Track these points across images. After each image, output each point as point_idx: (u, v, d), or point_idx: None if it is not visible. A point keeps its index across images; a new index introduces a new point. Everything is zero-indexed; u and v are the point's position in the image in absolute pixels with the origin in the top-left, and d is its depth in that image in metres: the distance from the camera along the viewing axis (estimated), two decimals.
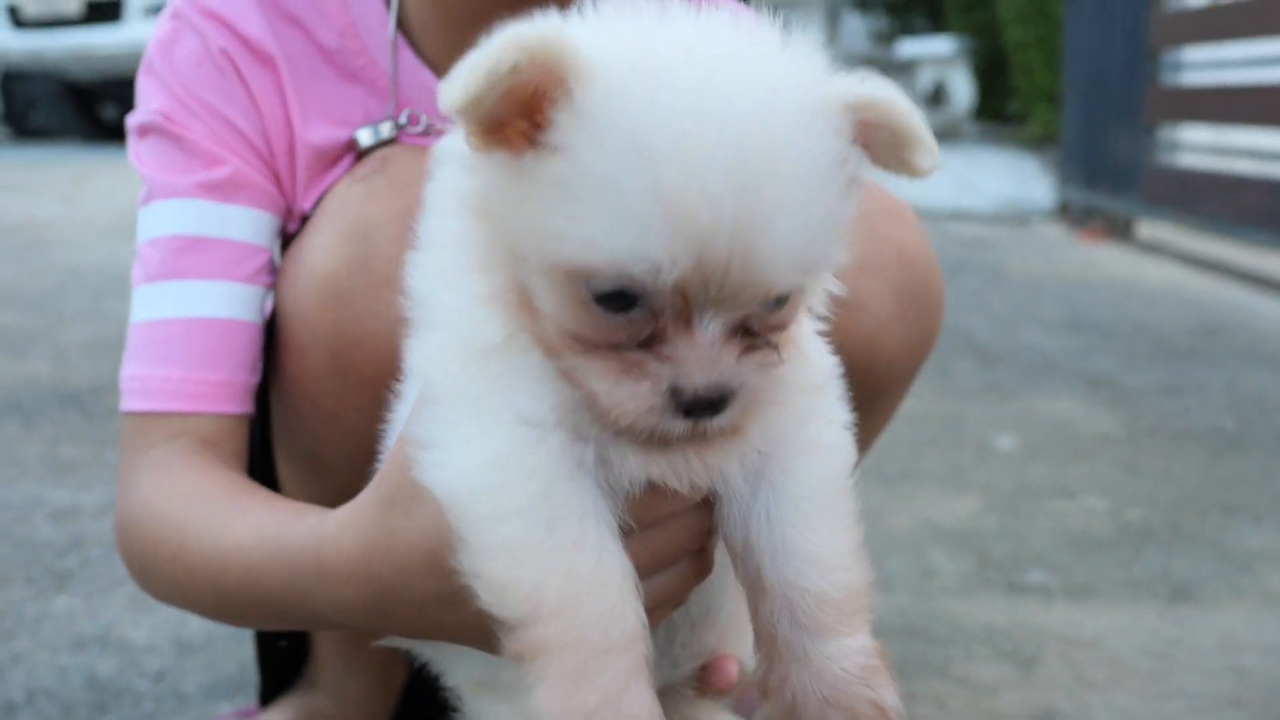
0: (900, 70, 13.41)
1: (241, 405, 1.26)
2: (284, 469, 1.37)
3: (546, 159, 0.76)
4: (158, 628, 1.91)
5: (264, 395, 1.33)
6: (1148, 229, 6.96)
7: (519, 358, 0.84)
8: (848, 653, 0.88)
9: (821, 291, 0.92)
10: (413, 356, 0.94)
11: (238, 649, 1.83)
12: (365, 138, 1.30)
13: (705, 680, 1.10)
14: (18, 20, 11.86)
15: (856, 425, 1.35)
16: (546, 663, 0.81)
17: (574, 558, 0.82)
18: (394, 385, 1.02)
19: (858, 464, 1.47)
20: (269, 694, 1.56)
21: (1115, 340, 4.21)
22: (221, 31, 1.29)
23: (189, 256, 1.24)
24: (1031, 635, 1.94)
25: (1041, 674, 1.81)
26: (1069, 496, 2.58)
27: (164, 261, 1.24)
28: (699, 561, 0.97)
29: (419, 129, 1.30)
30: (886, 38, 16.21)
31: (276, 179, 1.30)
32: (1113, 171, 7.08)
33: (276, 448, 1.37)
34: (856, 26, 16.35)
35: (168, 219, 1.25)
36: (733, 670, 1.09)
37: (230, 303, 1.24)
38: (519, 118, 0.77)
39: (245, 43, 1.29)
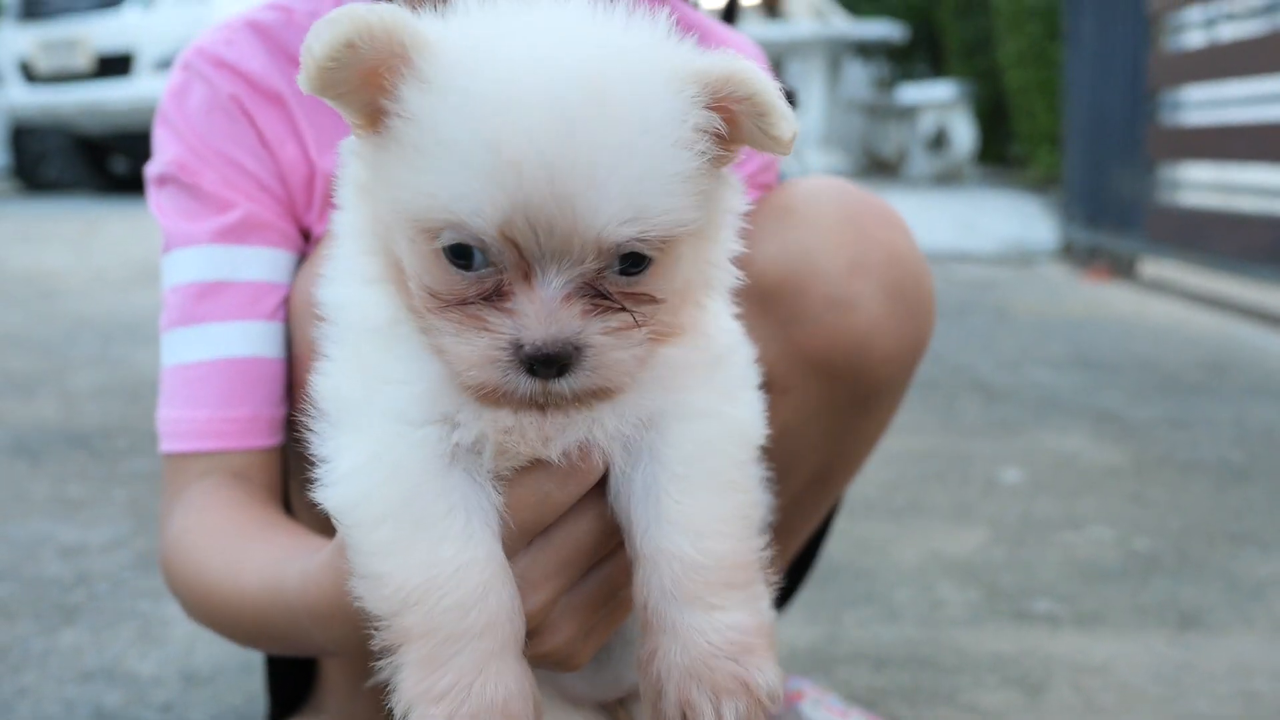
0: (902, 116, 13.49)
1: (268, 438, 1.30)
2: (296, 491, 1.38)
3: (398, 128, 0.81)
4: (165, 660, 1.91)
5: None
6: (1152, 267, 6.97)
7: (399, 344, 0.87)
8: (717, 627, 0.87)
9: (716, 273, 0.91)
10: (314, 381, 0.94)
11: (244, 680, 1.82)
12: None
13: None
14: (30, 75, 12.00)
15: (848, 433, 1.37)
16: (408, 649, 0.84)
17: (436, 550, 0.84)
18: None
19: (855, 473, 1.48)
20: (277, 718, 1.57)
21: (1121, 376, 4.21)
22: (230, 78, 1.34)
23: (208, 301, 1.29)
24: (1040, 663, 1.93)
25: (1050, 701, 1.80)
26: (1076, 527, 2.58)
27: (185, 307, 1.30)
28: (620, 596, 0.97)
29: None
30: (888, 84, 16.32)
31: (292, 214, 1.34)
32: (1116, 211, 7.11)
33: (291, 468, 1.38)
34: (858, 73, 16.47)
35: (186, 266, 1.31)
36: None
37: (250, 341, 1.28)
38: (370, 95, 0.82)
39: (253, 85, 1.33)
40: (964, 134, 12.58)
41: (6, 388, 3.89)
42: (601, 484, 0.93)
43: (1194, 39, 6.68)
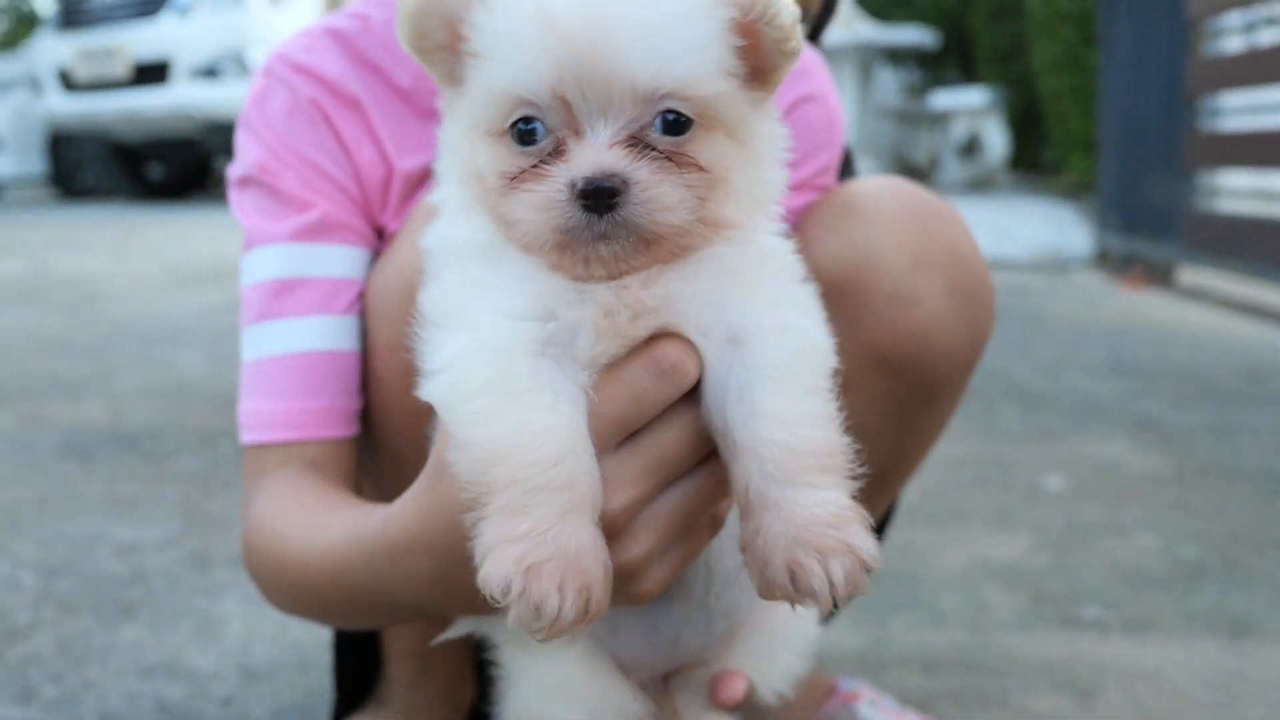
0: (934, 122, 13.47)
1: (344, 429, 1.34)
2: (366, 479, 1.41)
3: (473, 59, 0.94)
4: (223, 656, 1.94)
5: None
6: (1189, 275, 6.93)
7: (498, 259, 0.95)
8: (818, 500, 0.91)
9: (763, 190, 1.00)
10: (421, 300, 1.00)
11: (302, 677, 1.85)
12: None
13: (714, 692, 1.15)
14: (68, 84, 12.14)
15: (910, 426, 1.39)
16: (492, 501, 0.89)
17: (525, 417, 0.90)
18: None
19: (913, 471, 1.50)
20: (342, 711, 1.59)
21: (1161, 383, 4.20)
22: (309, 83, 1.37)
23: (286, 297, 1.33)
24: (1090, 668, 1.93)
25: (1101, 706, 1.81)
26: (1121, 534, 2.58)
27: (263, 304, 1.34)
28: (712, 511, 1.02)
29: None
30: (919, 90, 16.29)
31: (367, 213, 1.37)
32: (1152, 218, 7.07)
33: (361, 461, 1.41)
34: (889, 79, 16.44)
35: (265, 264, 1.35)
36: (740, 687, 1.15)
37: (327, 335, 1.31)
38: (452, 57, 0.96)
39: (332, 90, 1.37)
40: (997, 140, 12.55)
41: (55, 390, 3.95)
42: (692, 397, 0.97)
43: (1233, 44, 6.65)
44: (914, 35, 13.52)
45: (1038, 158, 14.13)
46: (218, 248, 8.37)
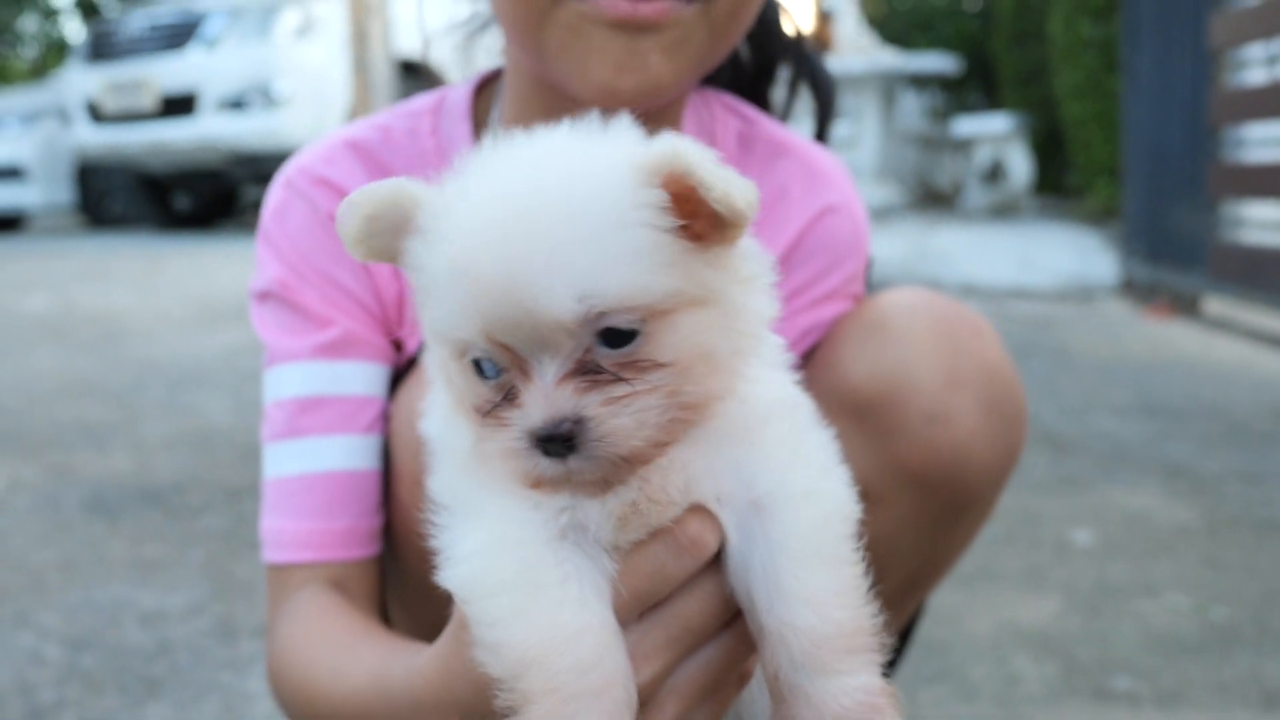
0: (957, 148, 13.44)
1: (366, 549, 1.34)
2: (394, 601, 1.41)
3: (414, 277, 0.90)
4: None
5: None
6: (1215, 304, 6.89)
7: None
8: (848, 690, 0.89)
9: (744, 340, 0.94)
10: (430, 483, 1.00)
11: None
12: None
13: None
14: (96, 116, 12.25)
15: (943, 540, 1.37)
16: (530, 709, 0.87)
17: (555, 615, 0.88)
18: None
19: (943, 578, 1.49)
20: None
21: (1189, 424, 4.16)
22: (329, 196, 1.37)
23: (309, 415, 1.32)
24: None
25: None
26: (1151, 595, 2.55)
27: (287, 422, 1.33)
28: (739, 670, 1.00)
29: None
30: (942, 115, 16.27)
31: (386, 328, 1.37)
32: (1177, 247, 7.03)
33: (388, 591, 1.41)
34: (912, 104, 16.43)
35: (288, 382, 1.34)
36: None
37: (348, 455, 1.31)
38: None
39: None
40: (1020, 166, 12.51)
41: (82, 438, 3.96)
42: (715, 561, 0.95)
43: (1256, 76, 6.61)
44: (936, 62, 13.52)
45: (1062, 181, 14.08)
46: (242, 282, 8.38)
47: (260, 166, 11.69)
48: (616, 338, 0.86)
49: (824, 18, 13.71)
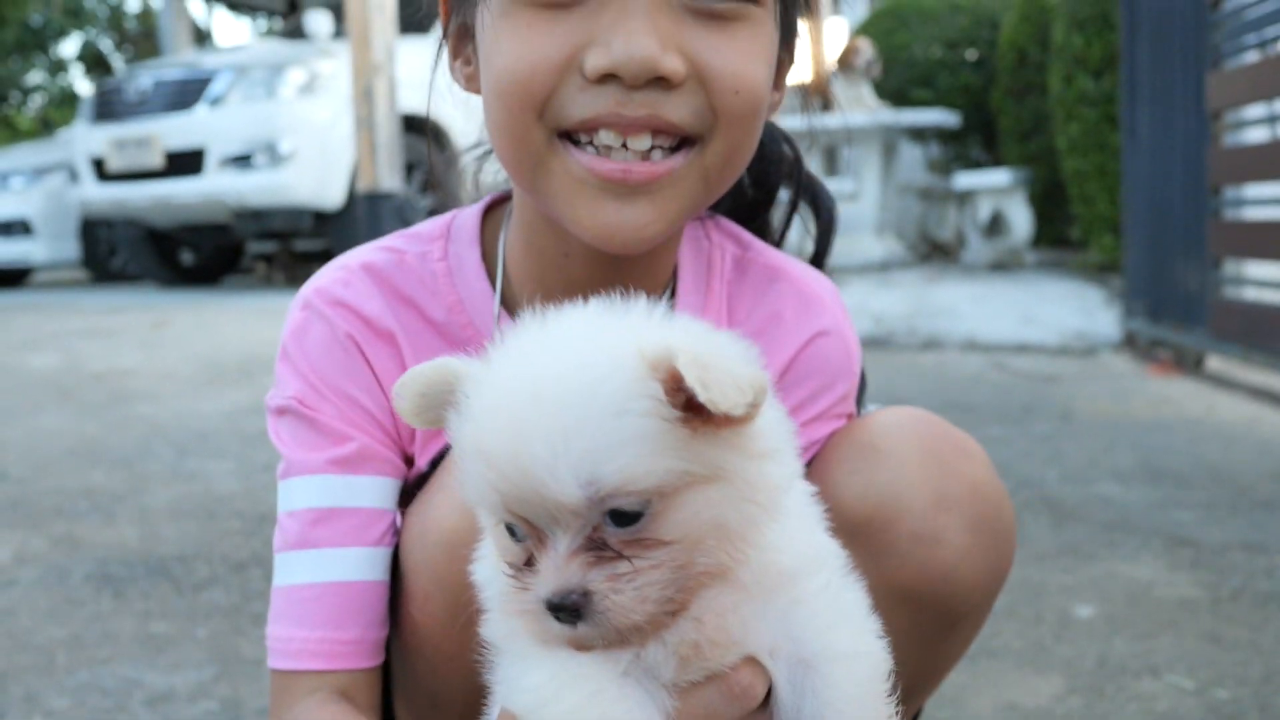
0: (958, 201, 13.51)
1: (371, 659, 1.37)
2: (402, 709, 1.43)
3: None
4: None
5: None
6: (1217, 361, 6.91)
7: None
8: None
9: (756, 509, 0.99)
10: (486, 630, 1.07)
11: None
12: None
13: None
14: (103, 173, 12.36)
15: (935, 653, 1.41)
16: None
17: None
18: None
19: (938, 685, 1.51)
20: None
21: (1192, 490, 4.17)
22: (346, 317, 1.41)
23: (322, 527, 1.36)
24: None
25: None
26: (1154, 674, 2.56)
27: (301, 532, 1.37)
28: None
29: None
30: (943, 167, 16.36)
31: (398, 445, 1.40)
32: (1179, 304, 7.07)
33: (396, 694, 1.43)
34: (914, 155, 16.54)
35: (303, 493, 1.38)
36: None
37: (359, 567, 1.34)
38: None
39: (368, 324, 1.40)
40: (1021, 219, 12.57)
41: (88, 508, 3.99)
42: (763, 708, 1.03)
43: (1257, 135, 6.67)
44: (936, 117, 13.62)
45: (1064, 234, 14.14)
46: (245, 339, 8.47)
47: (266, 222, 11.80)
48: (623, 517, 0.93)
49: (825, 74, 13.86)
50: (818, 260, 1.64)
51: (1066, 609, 2.98)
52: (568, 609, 0.93)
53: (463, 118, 1.58)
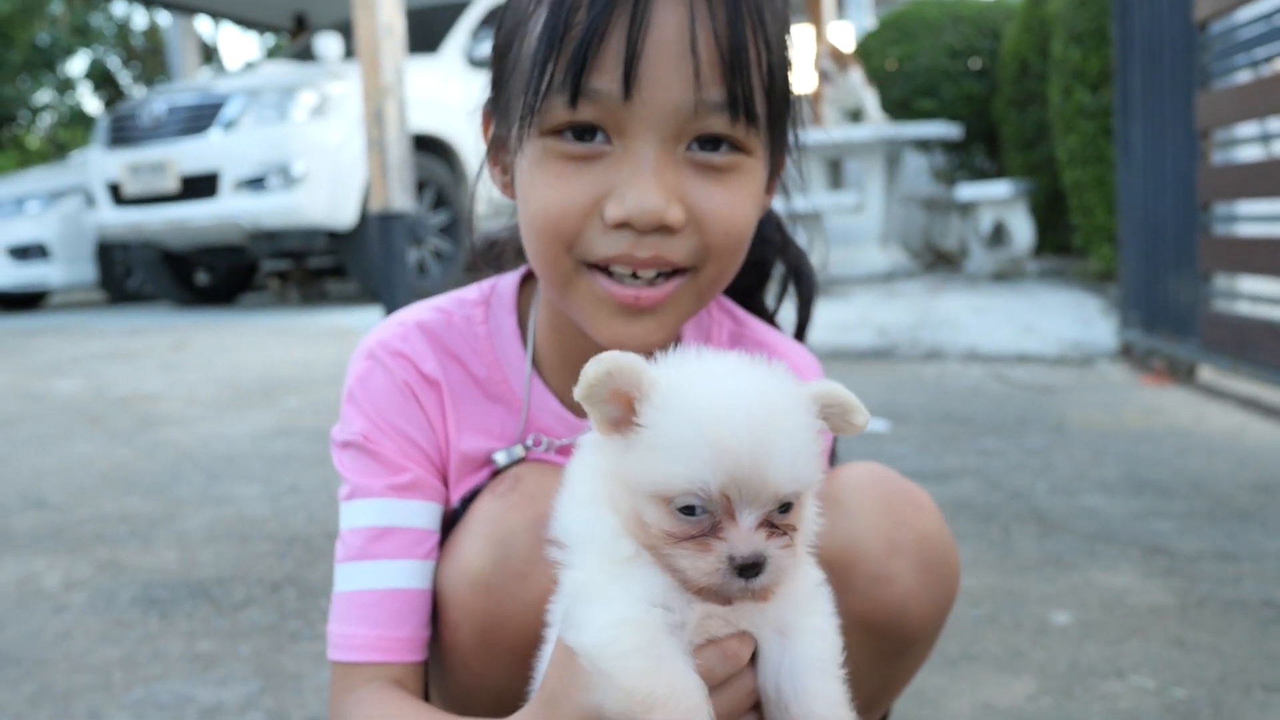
0: (961, 211, 13.73)
1: (420, 655, 1.64)
2: (437, 701, 1.69)
3: (641, 434, 1.24)
4: None
5: None
6: (1209, 373, 7.12)
7: (640, 567, 1.28)
8: None
9: (811, 521, 1.35)
10: (564, 579, 1.34)
11: None
12: (501, 459, 1.67)
13: None
14: (118, 197, 12.61)
15: (891, 672, 1.67)
16: None
17: (674, 677, 1.24)
18: (533, 649, 1.44)
19: (898, 695, 1.77)
20: None
21: (1174, 501, 4.39)
22: (405, 367, 1.68)
23: (381, 543, 1.62)
24: None
25: None
26: (1120, 676, 2.78)
27: (362, 546, 1.63)
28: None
29: (543, 449, 1.66)
30: (946, 176, 16.58)
31: (444, 477, 1.66)
32: (1172, 316, 7.27)
33: (431, 685, 1.69)
34: (918, 165, 16.75)
35: (364, 514, 1.64)
36: None
37: (411, 576, 1.61)
38: (624, 410, 1.25)
39: (421, 375, 1.67)
40: (1023, 230, 12.78)
41: (127, 534, 4.23)
42: (749, 667, 1.33)
43: (1250, 153, 6.87)
44: (938, 129, 13.83)
45: (1066, 240, 14.33)
46: (264, 360, 8.72)
47: (280, 243, 12.05)
48: (785, 509, 1.25)
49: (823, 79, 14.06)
50: (800, 330, 1.90)
51: (1044, 616, 3.20)
52: (753, 567, 1.21)
53: (474, 138, 1.83)
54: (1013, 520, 4.14)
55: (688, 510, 1.22)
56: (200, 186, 12.09)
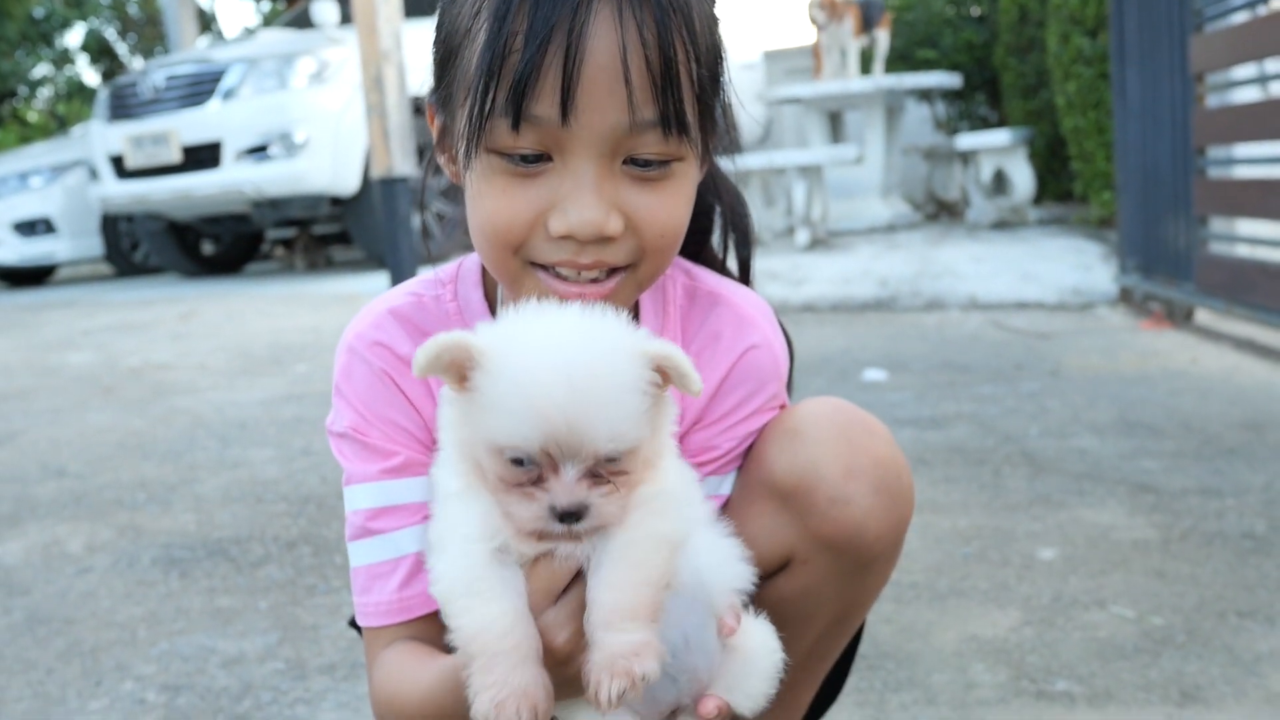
0: (961, 159, 13.75)
1: (432, 605, 1.73)
2: None
3: (474, 394, 1.38)
4: None
5: None
6: (1205, 315, 7.20)
7: (469, 501, 1.43)
8: (623, 641, 1.39)
9: (661, 448, 1.47)
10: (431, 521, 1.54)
11: None
12: None
13: (698, 711, 1.57)
14: (122, 170, 12.68)
15: (856, 590, 1.79)
16: (474, 665, 1.40)
17: (486, 609, 1.39)
18: None
19: (865, 614, 1.89)
20: None
21: (1163, 441, 4.49)
22: (382, 355, 1.78)
23: (381, 519, 1.74)
24: None
25: None
26: (1101, 606, 2.90)
27: (364, 525, 1.75)
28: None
29: None
30: (947, 126, 16.57)
31: (431, 451, 1.77)
32: (1169, 260, 7.35)
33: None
34: (922, 114, 16.74)
35: (363, 497, 1.75)
36: (712, 706, 1.56)
37: (414, 540, 1.74)
38: (460, 375, 1.40)
39: (399, 358, 1.77)
40: (1023, 178, 12.79)
41: (145, 499, 4.36)
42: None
43: (1246, 95, 6.91)
44: (937, 79, 13.82)
45: (1068, 187, 14.34)
46: (272, 327, 8.83)
47: (284, 210, 12.13)
48: (612, 460, 1.37)
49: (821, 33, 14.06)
50: (744, 273, 2.00)
51: (1031, 552, 3.32)
52: (573, 515, 1.35)
53: None
54: (1004, 463, 4.25)
55: (518, 461, 1.35)
56: (203, 156, 12.14)
